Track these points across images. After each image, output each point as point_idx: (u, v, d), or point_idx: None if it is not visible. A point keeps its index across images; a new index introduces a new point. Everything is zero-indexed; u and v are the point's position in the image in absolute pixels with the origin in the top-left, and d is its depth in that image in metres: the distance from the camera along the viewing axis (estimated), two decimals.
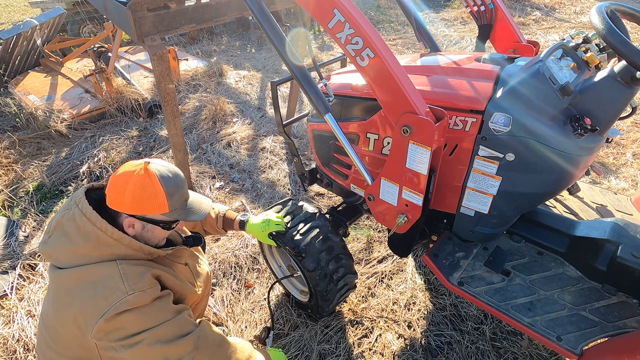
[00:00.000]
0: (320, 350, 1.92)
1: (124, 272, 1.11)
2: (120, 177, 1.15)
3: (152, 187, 1.14)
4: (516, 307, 1.39)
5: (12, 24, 8.34)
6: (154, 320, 1.10)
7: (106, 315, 1.05)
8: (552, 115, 1.25)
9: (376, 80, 1.32)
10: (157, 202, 1.16)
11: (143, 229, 1.21)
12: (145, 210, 1.16)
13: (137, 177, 1.13)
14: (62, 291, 1.12)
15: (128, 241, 1.15)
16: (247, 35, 7.35)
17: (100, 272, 1.11)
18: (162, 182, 1.15)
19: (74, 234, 1.12)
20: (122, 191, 1.13)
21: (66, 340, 1.14)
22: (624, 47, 1.08)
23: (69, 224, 1.13)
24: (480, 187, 1.41)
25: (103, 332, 1.06)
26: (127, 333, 1.07)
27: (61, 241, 1.13)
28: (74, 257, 1.12)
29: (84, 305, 1.07)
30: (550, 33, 6.53)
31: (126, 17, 2.18)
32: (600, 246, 1.37)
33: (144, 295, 1.10)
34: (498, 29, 1.87)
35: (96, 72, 4.16)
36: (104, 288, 1.08)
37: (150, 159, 1.20)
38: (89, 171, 3.41)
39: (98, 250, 1.12)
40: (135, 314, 1.08)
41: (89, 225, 1.11)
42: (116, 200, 1.15)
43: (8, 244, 2.60)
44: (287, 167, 3.39)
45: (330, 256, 1.73)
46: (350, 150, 1.50)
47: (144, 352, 1.08)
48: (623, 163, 3.25)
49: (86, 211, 1.12)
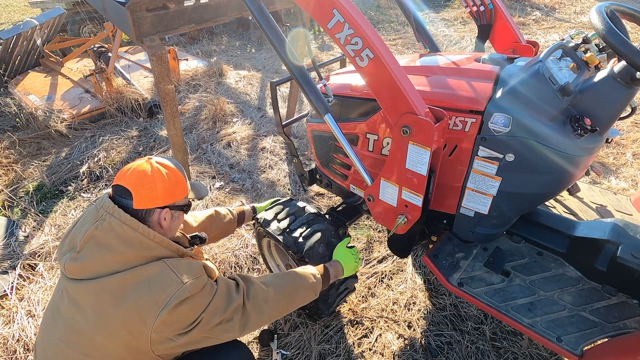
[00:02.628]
0: (320, 350, 1.92)
1: (174, 266, 1.14)
2: (140, 177, 1.17)
3: (174, 175, 1.23)
4: (516, 308, 1.39)
5: (12, 24, 8.34)
6: (207, 300, 1.15)
7: (168, 307, 1.07)
8: (552, 115, 1.24)
9: (375, 80, 1.32)
10: (182, 187, 1.26)
11: (172, 218, 1.26)
12: (176, 197, 1.23)
13: (158, 171, 1.19)
14: (108, 297, 1.09)
15: (167, 243, 1.19)
16: (247, 35, 7.35)
17: (150, 270, 1.12)
18: (176, 168, 1.26)
19: (115, 242, 1.11)
20: (153, 187, 1.17)
21: (109, 349, 1.11)
22: (624, 47, 1.08)
23: (106, 234, 1.12)
24: (480, 187, 1.41)
25: (165, 324, 1.08)
26: (188, 322, 1.12)
27: (99, 252, 1.12)
28: (115, 265, 1.11)
29: (140, 303, 1.08)
30: (550, 33, 6.52)
31: (125, 18, 2.17)
32: (600, 246, 1.36)
33: (198, 282, 1.14)
34: (498, 29, 1.86)
35: (96, 72, 4.17)
36: (159, 282, 1.10)
37: (148, 156, 1.26)
38: (89, 171, 3.41)
39: (141, 254, 1.14)
40: (192, 302, 1.12)
41: (131, 231, 1.12)
42: (149, 197, 1.17)
43: (8, 244, 2.60)
44: (287, 167, 3.38)
45: None
46: (349, 150, 1.50)
47: (202, 330, 1.14)
48: (623, 163, 3.25)
49: (125, 219, 1.13)
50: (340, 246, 1.69)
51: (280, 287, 1.36)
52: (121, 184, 1.17)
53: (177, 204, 1.25)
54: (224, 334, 1.21)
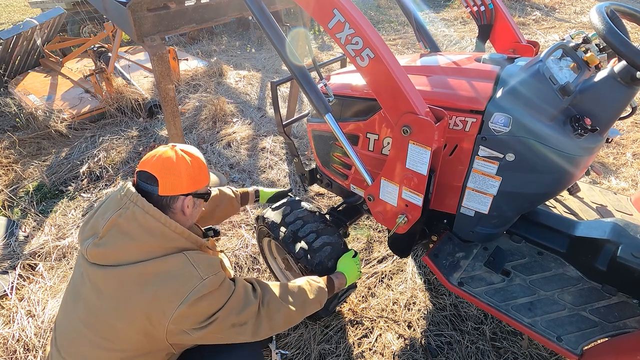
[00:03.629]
0: (320, 350, 1.92)
1: (194, 260, 1.15)
2: (166, 164, 1.18)
3: (197, 163, 1.25)
4: (516, 308, 1.39)
5: (12, 24, 8.34)
6: (224, 299, 1.17)
7: (188, 301, 1.09)
8: (552, 115, 1.24)
9: (376, 80, 1.32)
10: (204, 174, 1.27)
11: (194, 206, 1.27)
12: (199, 184, 1.25)
13: (183, 159, 1.20)
14: (130, 285, 1.11)
15: (187, 235, 1.20)
16: (247, 35, 7.35)
17: (171, 263, 1.13)
18: (199, 156, 1.27)
19: (138, 232, 1.13)
20: (178, 174, 1.18)
21: (126, 334, 1.13)
22: (624, 47, 1.08)
23: (129, 223, 1.13)
24: (480, 187, 1.41)
25: (183, 317, 1.10)
26: (205, 316, 1.13)
27: (122, 241, 1.13)
28: (138, 254, 1.13)
29: (161, 295, 1.09)
30: (550, 33, 6.53)
31: (126, 17, 2.18)
32: (600, 246, 1.37)
33: (216, 279, 1.16)
34: (498, 29, 1.87)
35: (96, 72, 4.17)
36: (180, 276, 1.12)
37: (172, 143, 1.27)
38: (89, 171, 3.41)
39: (163, 245, 1.15)
40: (210, 298, 1.13)
41: (153, 221, 1.14)
42: (174, 184, 1.18)
43: (8, 244, 2.60)
44: (287, 167, 3.39)
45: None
46: (350, 150, 1.50)
47: (216, 328, 1.15)
48: (623, 163, 3.25)
49: (148, 209, 1.14)
50: (346, 257, 1.69)
51: (292, 298, 1.36)
52: (147, 170, 1.18)
53: (199, 191, 1.27)
54: (236, 336, 1.22)
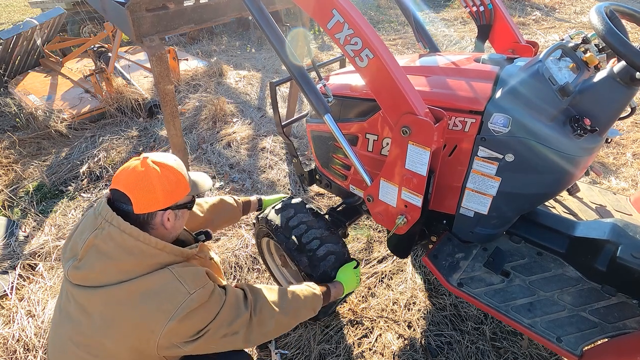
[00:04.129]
0: (320, 350, 1.92)
1: (180, 275, 1.12)
2: (137, 181, 1.13)
3: (172, 174, 1.18)
4: (516, 308, 1.39)
5: (12, 24, 8.34)
6: (215, 311, 1.15)
7: (176, 318, 1.07)
8: (552, 115, 1.24)
9: (375, 80, 1.32)
10: (182, 185, 1.21)
11: (176, 218, 1.23)
12: (177, 197, 1.20)
13: (156, 172, 1.14)
14: (116, 306, 1.09)
15: (170, 249, 1.16)
16: (247, 35, 7.35)
17: (156, 280, 1.11)
18: (174, 166, 1.21)
19: (116, 251, 1.10)
20: (152, 190, 1.13)
21: (116, 351, 1.12)
22: (624, 47, 1.08)
23: (106, 243, 1.10)
24: (479, 187, 1.41)
25: (173, 332, 1.09)
26: (195, 330, 1.12)
27: (100, 261, 1.10)
28: (118, 274, 1.10)
29: (149, 313, 1.07)
30: (550, 33, 6.52)
31: (125, 18, 2.17)
32: (600, 247, 1.36)
33: (204, 292, 1.13)
34: (497, 29, 1.86)
35: (96, 72, 4.17)
36: (166, 293, 1.09)
37: (144, 155, 1.20)
38: (89, 171, 3.42)
39: (144, 262, 1.12)
40: (200, 312, 1.12)
41: (131, 240, 1.10)
42: (148, 201, 1.13)
43: (8, 244, 2.60)
44: (287, 167, 3.39)
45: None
46: (349, 151, 1.50)
47: (207, 340, 1.14)
48: (623, 163, 3.25)
49: (124, 228, 1.10)
50: (347, 268, 1.69)
51: (286, 305, 1.35)
52: (119, 189, 1.14)
53: (179, 203, 1.22)
54: (228, 345, 1.21)
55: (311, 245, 1.69)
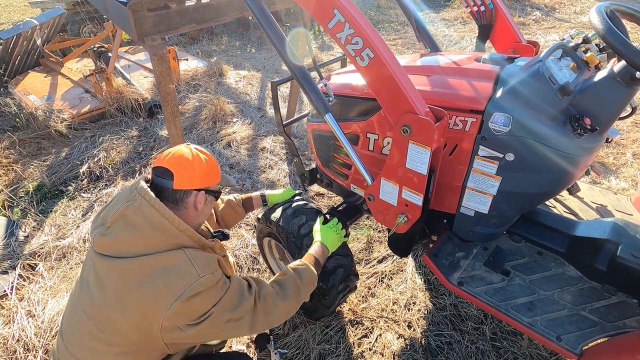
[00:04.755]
0: (320, 350, 1.92)
1: (193, 258, 1.16)
2: (181, 160, 1.22)
3: (210, 160, 1.30)
4: (516, 307, 1.39)
5: (12, 24, 8.34)
6: (219, 296, 1.18)
7: (182, 297, 1.10)
8: (552, 115, 1.25)
9: (376, 80, 1.32)
10: (216, 173, 1.33)
11: (205, 202, 1.30)
12: (211, 181, 1.30)
13: (198, 156, 1.26)
14: (128, 279, 1.13)
15: (190, 232, 1.21)
16: (247, 35, 7.36)
17: (170, 258, 1.15)
18: (211, 155, 1.32)
19: (143, 225, 1.15)
20: (192, 169, 1.23)
21: (122, 328, 1.14)
22: (624, 47, 1.08)
23: (135, 215, 1.15)
24: (480, 187, 1.41)
25: (177, 314, 1.11)
26: (199, 313, 1.14)
27: (127, 232, 1.15)
28: (140, 247, 1.14)
29: (157, 290, 1.10)
30: (550, 33, 6.53)
31: (127, 17, 2.18)
32: (600, 246, 1.37)
33: (213, 277, 1.17)
34: (498, 29, 1.87)
35: (96, 72, 4.17)
36: (177, 272, 1.13)
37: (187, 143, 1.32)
38: (89, 171, 3.41)
39: (165, 240, 1.17)
40: (204, 295, 1.14)
41: (158, 216, 1.15)
42: (188, 179, 1.22)
43: (8, 244, 2.60)
44: (287, 167, 3.39)
45: (337, 270, 1.74)
46: (350, 150, 1.50)
47: (210, 324, 1.16)
48: (623, 163, 3.26)
49: (154, 203, 1.16)
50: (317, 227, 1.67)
51: (287, 289, 1.37)
52: (163, 165, 1.22)
53: (211, 188, 1.31)
54: (233, 332, 1.23)
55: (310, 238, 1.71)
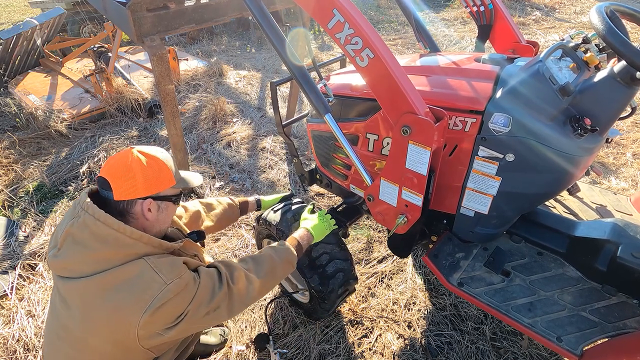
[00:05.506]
0: (320, 350, 1.92)
1: (155, 265, 1.11)
2: (120, 168, 1.13)
3: (155, 164, 1.17)
4: (516, 308, 1.39)
5: (12, 24, 8.34)
6: (190, 296, 1.13)
7: (152, 308, 1.06)
8: (552, 115, 1.24)
9: (376, 80, 1.32)
10: (165, 176, 1.20)
11: (159, 210, 1.21)
12: (158, 187, 1.18)
13: (138, 160, 1.14)
14: (91, 298, 1.08)
15: (147, 239, 1.14)
16: (247, 35, 7.35)
17: (131, 270, 1.09)
18: (160, 157, 1.20)
19: (90, 240, 1.09)
20: (132, 176, 1.12)
21: (96, 346, 1.12)
22: (624, 47, 1.08)
23: (81, 232, 1.10)
24: (480, 187, 1.41)
25: (151, 322, 1.07)
26: (173, 317, 1.11)
27: (75, 250, 1.10)
28: (93, 264, 1.09)
29: (123, 306, 1.06)
30: (550, 33, 6.52)
31: (126, 18, 2.18)
32: (600, 246, 1.36)
33: (181, 282, 1.12)
34: (498, 29, 1.86)
35: (96, 72, 4.17)
36: (141, 284, 1.08)
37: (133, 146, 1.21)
38: (89, 171, 3.41)
39: (119, 252, 1.10)
40: (176, 300, 1.10)
41: (105, 228, 1.09)
42: (129, 188, 1.13)
43: (8, 244, 2.60)
44: (287, 167, 3.39)
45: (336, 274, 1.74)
46: (350, 150, 1.50)
47: (188, 322, 1.13)
48: (623, 163, 3.25)
49: (99, 215, 1.09)
50: (304, 215, 1.68)
51: (261, 267, 1.35)
52: (102, 176, 1.14)
53: (161, 194, 1.20)
54: (213, 321, 1.21)
55: (320, 260, 1.72)
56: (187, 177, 1.32)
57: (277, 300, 2.14)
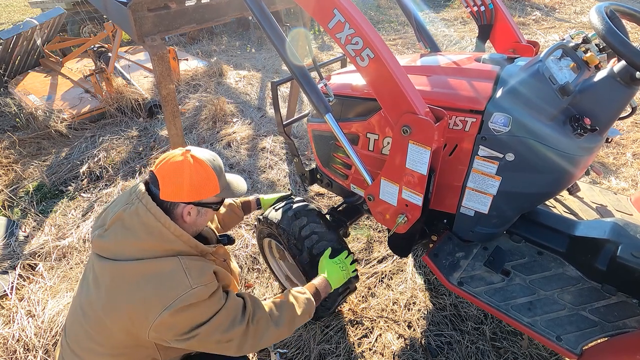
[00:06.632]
0: (320, 350, 1.92)
1: (187, 267, 1.13)
2: (171, 169, 1.16)
3: (205, 172, 1.19)
4: (516, 307, 1.39)
5: (12, 24, 8.34)
6: (211, 313, 1.14)
7: (172, 308, 1.07)
8: (552, 115, 1.25)
9: (376, 80, 1.32)
10: (211, 186, 1.21)
11: (198, 214, 1.24)
12: (202, 195, 1.20)
13: (189, 166, 1.17)
14: (120, 282, 1.12)
15: (187, 238, 1.18)
16: (247, 35, 7.35)
17: (164, 266, 1.12)
18: (210, 165, 1.21)
19: (138, 228, 1.13)
20: (179, 182, 1.15)
21: (112, 331, 1.14)
22: (624, 47, 1.09)
23: (131, 218, 1.14)
24: (480, 187, 1.41)
25: (165, 325, 1.09)
26: (187, 328, 1.11)
27: (122, 235, 1.14)
28: (135, 251, 1.13)
29: (147, 297, 1.08)
30: (550, 33, 6.53)
31: (127, 17, 2.18)
32: (600, 246, 1.37)
33: (205, 290, 1.13)
34: (498, 29, 1.87)
35: (96, 72, 4.17)
36: (170, 281, 1.10)
37: (189, 147, 1.24)
38: (89, 171, 3.41)
39: (160, 245, 1.14)
40: (195, 309, 1.11)
41: (154, 221, 1.13)
42: (174, 192, 1.16)
43: (8, 244, 2.60)
44: (287, 167, 3.39)
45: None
46: (350, 150, 1.50)
47: (198, 342, 1.14)
48: (623, 163, 3.26)
49: (151, 207, 1.13)
50: (323, 260, 1.64)
51: (282, 315, 1.33)
52: (155, 172, 1.18)
53: (204, 201, 1.23)
54: (219, 351, 1.21)
55: (311, 240, 1.71)
56: (232, 185, 1.32)
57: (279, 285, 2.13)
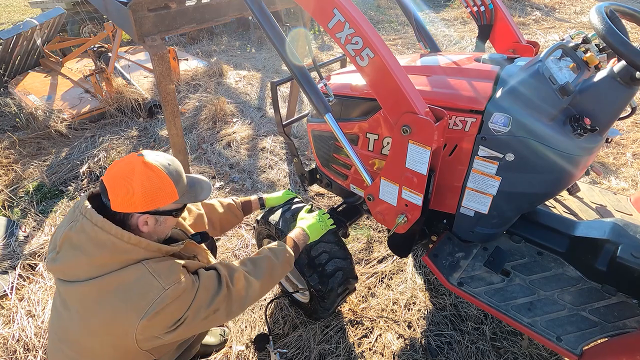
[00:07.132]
0: (320, 350, 1.92)
1: (154, 270, 1.09)
2: (120, 178, 1.09)
3: (158, 179, 1.11)
4: (516, 308, 1.39)
5: (12, 24, 8.33)
6: (189, 300, 1.13)
7: (150, 314, 1.05)
8: (552, 115, 1.25)
9: (376, 80, 1.32)
10: (167, 192, 1.13)
11: (156, 223, 1.17)
12: (158, 203, 1.12)
13: (140, 173, 1.09)
14: (88, 303, 1.08)
15: (145, 244, 1.11)
16: (247, 35, 7.35)
17: (129, 275, 1.08)
18: (165, 171, 1.13)
19: (87, 245, 1.07)
20: (130, 191, 1.07)
21: (96, 350, 1.12)
22: (624, 47, 1.08)
23: (78, 236, 1.08)
24: (480, 187, 1.41)
25: (148, 327, 1.07)
26: (172, 321, 1.10)
27: (73, 255, 1.08)
28: (91, 269, 1.08)
29: (120, 310, 1.05)
30: (550, 33, 6.53)
31: (127, 17, 2.18)
32: (600, 246, 1.37)
33: (180, 286, 1.10)
34: (498, 29, 1.87)
35: (96, 72, 4.16)
36: (139, 288, 1.06)
37: (142, 152, 1.16)
38: (89, 171, 3.41)
39: (115, 257, 1.08)
40: (175, 305, 1.09)
41: (102, 234, 1.07)
42: (125, 202, 1.08)
43: (8, 244, 2.60)
44: (287, 167, 3.39)
45: (335, 273, 1.74)
46: (350, 150, 1.50)
47: (188, 326, 1.13)
48: (623, 163, 3.25)
49: (96, 220, 1.07)
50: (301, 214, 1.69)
51: (260, 268, 1.34)
52: (104, 181, 1.11)
53: (161, 209, 1.16)
54: (212, 323, 1.21)
55: (320, 259, 1.72)
56: (194, 190, 1.26)
57: (277, 300, 2.15)
